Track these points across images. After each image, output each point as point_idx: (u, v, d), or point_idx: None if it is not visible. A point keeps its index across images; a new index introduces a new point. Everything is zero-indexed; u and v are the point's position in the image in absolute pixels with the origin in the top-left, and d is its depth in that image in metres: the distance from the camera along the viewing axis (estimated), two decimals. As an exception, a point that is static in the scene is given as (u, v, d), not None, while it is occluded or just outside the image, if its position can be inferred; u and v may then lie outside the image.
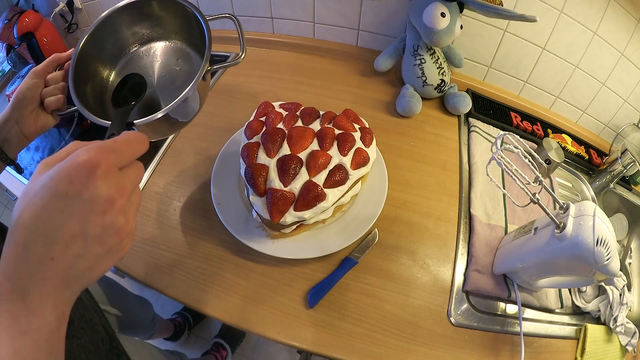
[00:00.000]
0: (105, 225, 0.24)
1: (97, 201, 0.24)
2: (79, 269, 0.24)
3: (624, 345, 0.55)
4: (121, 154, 0.26)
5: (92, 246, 0.24)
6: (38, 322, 0.23)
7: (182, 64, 0.59)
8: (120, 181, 0.25)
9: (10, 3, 0.97)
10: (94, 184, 0.23)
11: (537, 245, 0.49)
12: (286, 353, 1.21)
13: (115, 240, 0.25)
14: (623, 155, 0.72)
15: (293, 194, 0.52)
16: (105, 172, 0.24)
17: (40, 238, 0.23)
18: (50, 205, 0.23)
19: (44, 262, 0.23)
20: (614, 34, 0.72)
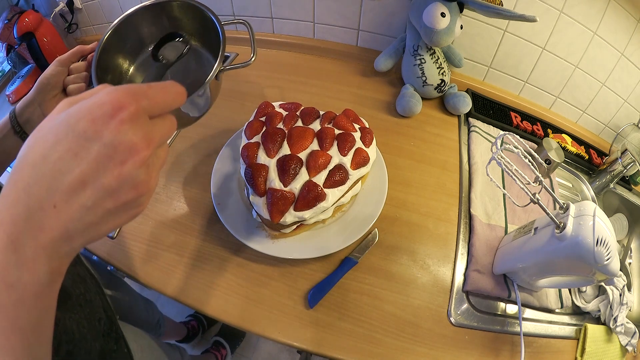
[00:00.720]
0: (123, 176, 0.21)
1: (119, 147, 0.20)
2: (84, 222, 0.21)
3: (624, 345, 0.55)
4: (154, 101, 0.23)
5: (104, 199, 0.21)
6: (28, 276, 0.20)
7: (196, 63, 0.61)
8: (148, 130, 0.22)
9: (10, 3, 0.97)
10: (117, 128, 0.20)
11: (537, 245, 0.49)
12: (286, 353, 1.22)
13: (131, 196, 0.22)
14: (623, 155, 0.72)
15: (293, 194, 0.52)
16: (132, 116, 0.21)
17: (45, 180, 0.20)
18: (64, 143, 0.20)
19: (44, 208, 0.20)
20: (614, 34, 0.72)
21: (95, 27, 0.66)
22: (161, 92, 0.24)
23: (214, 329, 1.24)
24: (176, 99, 0.25)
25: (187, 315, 1.23)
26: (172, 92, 0.25)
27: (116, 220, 0.22)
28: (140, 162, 0.21)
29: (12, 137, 0.50)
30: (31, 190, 0.20)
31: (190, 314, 1.23)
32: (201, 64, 0.61)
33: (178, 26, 0.61)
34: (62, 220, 0.20)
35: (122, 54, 0.60)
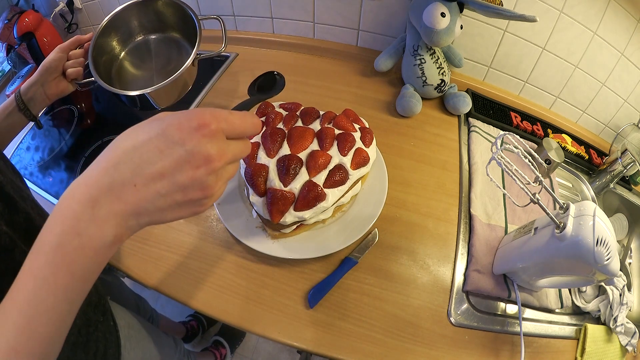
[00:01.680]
0: (195, 178, 0.25)
1: (196, 155, 0.25)
2: (155, 205, 0.25)
3: (624, 345, 0.55)
4: (232, 125, 0.27)
5: (175, 192, 0.25)
6: (95, 230, 0.24)
7: (176, 52, 0.73)
8: (223, 147, 0.26)
9: (10, 3, 0.97)
10: (198, 139, 0.25)
11: (537, 245, 0.49)
12: (286, 353, 1.22)
13: (197, 195, 0.26)
14: (623, 155, 0.72)
15: (293, 194, 0.52)
16: (212, 133, 0.25)
17: (132, 163, 0.24)
18: (153, 141, 0.25)
19: (126, 184, 0.24)
20: (614, 34, 0.72)
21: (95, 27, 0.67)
22: (240, 120, 0.28)
23: (213, 329, 1.24)
24: (252, 128, 0.30)
25: (187, 315, 1.23)
26: (250, 123, 0.29)
27: (180, 212, 0.27)
28: (211, 170, 0.26)
29: (17, 114, 0.59)
30: (119, 167, 0.24)
31: (190, 314, 1.23)
32: (181, 53, 0.72)
33: (162, 20, 0.73)
34: (137, 198, 0.24)
35: (115, 40, 0.70)
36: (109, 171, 0.24)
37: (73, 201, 0.24)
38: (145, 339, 0.62)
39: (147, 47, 0.74)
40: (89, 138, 0.81)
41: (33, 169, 0.78)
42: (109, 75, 0.69)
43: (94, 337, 0.45)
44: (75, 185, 0.24)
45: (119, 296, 0.79)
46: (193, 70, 0.68)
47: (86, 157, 0.77)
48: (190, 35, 0.68)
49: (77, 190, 0.24)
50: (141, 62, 0.73)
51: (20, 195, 0.43)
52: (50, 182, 0.74)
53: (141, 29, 0.73)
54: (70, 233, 0.23)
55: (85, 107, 0.91)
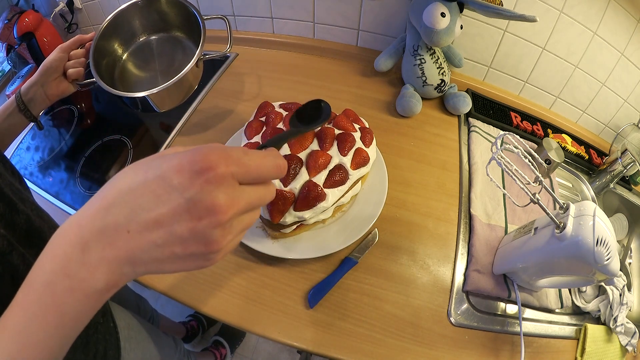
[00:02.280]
0: (196, 232, 0.22)
1: (198, 204, 0.21)
2: (150, 256, 0.22)
3: (624, 345, 0.55)
4: (246, 168, 0.23)
5: (173, 244, 0.22)
6: (86, 275, 0.22)
7: (180, 53, 0.71)
8: (233, 195, 0.23)
9: (10, 3, 0.97)
10: (201, 186, 0.21)
11: (537, 245, 0.49)
12: (286, 353, 1.22)
13: (200, 250, 0.23)
14: (623, 155, 0.72)
15: (293, 194, 0.52)
16: (218, 179, 0.22)
17: (126, 207, 0.22)
18: (150, 184, 0.22)
19: (119, 230, 0.22)
20: (614, 34, 0.72)
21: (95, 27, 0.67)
22: (257, 162, 0.24)
23: (213, 329, 1.24)
24: (273, 172, 0.25)
25: (187, 316, 1.23)
26: (270, 164, 0.25)
27: (181, 265, 0.23)
28: (216, 224, 0.22)
29: (17, 115, 0.58)
30: (112, 210, 0.22)
31: (190, 314, 1.23)
32: (185, 53, 0.71)
33: (166, 20, 0.71)
34: (130, 246, 0.22)
35: (117, 42, 0.69)
36: (102, 213, 0.22)
37: (64, 241, 0.22)
38: (145, 339, 0.62)
39: (150, 47, 0.72)
40: (89, 138, 0.81)
41: (33, 169, 0.78)
42: (112, 76, 0.68)
43: (93, 339, 0.45)
44: (68, 224, 0.22)
45: (120, 296, 0.79)
46: (197, 72, 0.67)
47: (86, 157, 0.77)
48: (194, 35, 0.67)
49: (69, 230, 0.22)
50: (144, 63, 0.72)
51: (19, 197, 0.43)
52: (50, 182, 0.74)
53: (144, 29, 0.72)
54: (60, 273, 0.21)
55: (85, 107, 0.91)
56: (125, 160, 0.75)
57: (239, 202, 0.23)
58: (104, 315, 0.50)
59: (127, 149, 0.77)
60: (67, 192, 0.72)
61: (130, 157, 0.75)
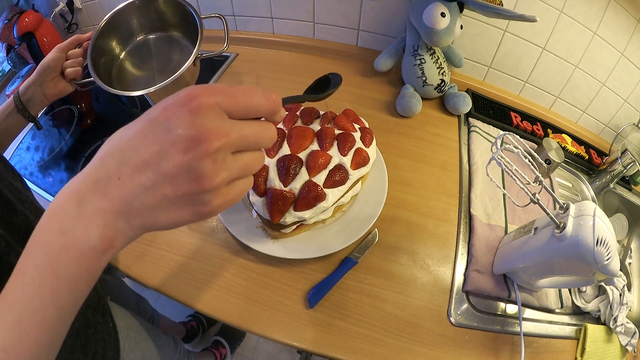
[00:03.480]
0: (184, 166, 0.21)
1: (182, 136, 0.20)
2: (142, 202, 0.21)
3: (624, 345, 0.55)
4: (234, 98, 0.22)
5: (162, 183, 0.21)
6: (81, 230, 0.21)
7: (178, 52, 0.72)
8: (221, 124, 0.21)
9: (10, 3, 0.97)
10: (184, 115, 0.20)
11: (537, 245, 0.49)
12: (286, 353, 1.22)
13: (190, 188, 0.21)
14: (623, 155, 0.72)
15: (293, 194, 0.52)
16: (202, 107, 0.21)
17: (117, 154, 0.21)
18: (138, 127, 0.21)
19: (111, 178, 0.21)
20: (614, 34, 0.72)
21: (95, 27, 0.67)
22: (245, 91, 0.23)
23: (213, 329, 1.24)
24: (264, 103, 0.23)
25: (187, 315, 1.23)
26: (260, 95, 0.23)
27: (176, 212, 0.22)
28: (203, 154, 0.21)
29: (16, 115, 0.57)
30: (105, 160, 0.22)
31: (190, 314, 1.23)
32: (183, 52, 0.71)
33: (163, 19, 0.71)
34: (122, 193, 0.21)
35: (114, 40, 0.69)
36: (96, 164, 0.22)
37: (62, 197, 0.22)
38: (145, 340, 0.62)
39: (148, 46, 0.73)
40: (89, 138, 0.81)
41: (33, 169, 0.78)
42: (109, 75, 0.68)
43: (92, 339, 0.45)
44: (68, 183, 0.22)
45: (120, 296, 0.79)
46: (195, 70, 0.67)
47: (86, 157, 0.77)
48: (192, 35, 0.67)
49: (68, 187, 0.22)
50: (142, 62, 0.72)
51: (18, 197, 0.43)
52: (50, 182, 0.74)
53: (141, 28, 0.72)
54: (56, 231, 0.21)
55: (85, 107, 0.91)
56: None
57: (228, 132, 0.21)
58: (103, 316, 0.50)
59: (127, 149, 0.77)
60: (67, 192, 0.72)
61: (130, 157, 0.75)
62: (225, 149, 0.21)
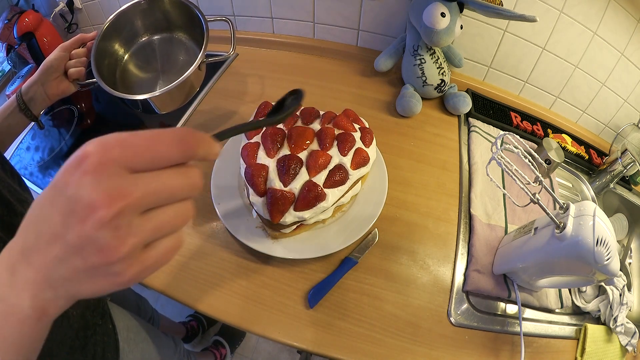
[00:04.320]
0: (85, 237, 0.19)
1: (78, 203, 0.18)
2: (60, 274, 0.20)
3: (624, 345, 0.55)
4: (134, 148, 0.19)
5: (72, 256, 0.19)
6: (15, 299, 0.20)
7: (183, 54, 0.71)
8: (119, 184, 0.19)
9: (10, 3, 0.97)
10: (79, 180, 0.18)
11: (537, 245, 0.49)
12: (286, 353, 1.22)
13: (97, 260, 0.19)
14: (623, 155, 0.72)
15: (293, 194, 0.52)
16: (96, 167, 0.18)
17: (33, 224, 0.20)
18: (47, 192, 0.20)
19: (32, 249, 0.20)
20: (614, 34, 0.72)
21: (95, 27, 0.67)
22: (149, 136, 0.20)
23: (213, 329, 1.24)
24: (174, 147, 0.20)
25: (187, 316, 1.23)
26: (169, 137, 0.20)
27: (94, 282, 0.20)
28: (99, 223, 0.18)
29: (18, 114, 0.57)
30: (28, 229, 0.21)
31: (190, 314, 1.23)
32: (188, 54, 0.70)
33: (168, 20, 0.70)
34: (43, 265, 0.20)
35: (118, 42, 0.68)
36: (22, 233, 0.21)
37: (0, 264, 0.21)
38: (145, 341, 0.62)
39: (152, 48, 0.71)
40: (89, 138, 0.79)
41: (33, 169, 0.78)
42: (113, 77, 0.67)
43: (92, 341, 0.45)
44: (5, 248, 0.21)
45: (120, 297, 0.79)
46: (200, 74, 0.66)
47: (86, 157, 0.77)
48: (197, 37, 0.66)
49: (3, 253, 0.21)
50: (146, 63, 0.71)
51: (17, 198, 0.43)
52: (50, 182, 0.74)
53: (146, 29, 0.71)
54: None
55: (85, 107, 0.91)
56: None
57: (128, 192, 0.19)
58: (103, 317, 0.50)
59: (127, 149, 0.77)
60: (67, 192, 0.72)
61: (130, 157, 0.75)
62: (128, 211, 0.19)
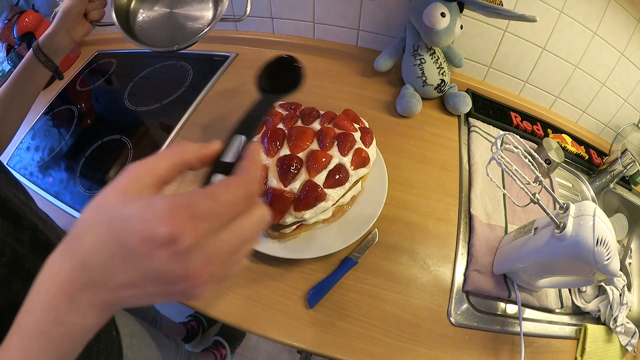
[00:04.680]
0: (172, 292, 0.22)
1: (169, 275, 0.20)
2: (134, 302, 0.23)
3: (624, 345, 0.55)
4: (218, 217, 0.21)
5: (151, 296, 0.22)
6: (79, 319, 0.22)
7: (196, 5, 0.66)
8: (207, 254, 0.21)
9: (10, 3, 0.97)
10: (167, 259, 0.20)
11: (537, 245, 0.49)
12: (286, 353, 1.22)
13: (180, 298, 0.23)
14: (623, 155, 0.72)
15: (293, 194, 0.52)
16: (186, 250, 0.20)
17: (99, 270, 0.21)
18: (114, 249, 0.20)
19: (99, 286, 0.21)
20: (614, 34, 0.72)
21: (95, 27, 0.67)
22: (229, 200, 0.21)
23: (213, 330, 1.24)
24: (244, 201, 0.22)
25: (187, 316, 1.23)
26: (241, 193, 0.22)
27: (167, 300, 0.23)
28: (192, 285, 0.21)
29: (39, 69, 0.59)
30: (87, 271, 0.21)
31: (189, 314, 1.23)
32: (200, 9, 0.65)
33: None
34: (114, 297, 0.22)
35: None
36: (78, 272, 0.21)
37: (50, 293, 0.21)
38: (148, 345, 0.61)
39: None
40: (89, 138, 0.81)
41: (33, 169, 0.78)
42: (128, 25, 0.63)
43: (95, 349, 0.44)
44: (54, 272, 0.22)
45: None
46: None
47: (86, 157, 0.77)
48: None
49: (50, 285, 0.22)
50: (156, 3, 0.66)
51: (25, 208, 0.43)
52: (50, 182, 0.74)
53: None
54: (52, 322, 0.21)
55: (85, 107, 0.91)
56: (125, 160, 0.75)
57: (216, 258, 0.21)
58: (107, 325, 0.49)
59: (127, 149, 0.77)
60: (67, 192, 0.72)
61: (131, 157, 0.75)
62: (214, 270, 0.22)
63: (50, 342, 0.22)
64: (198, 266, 0.20)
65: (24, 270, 0.35)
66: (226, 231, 0.22)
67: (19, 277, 0.34)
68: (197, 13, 0.65)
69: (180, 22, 0.64)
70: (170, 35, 0.63)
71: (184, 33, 0.62)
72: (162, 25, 0.64)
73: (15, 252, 0.35)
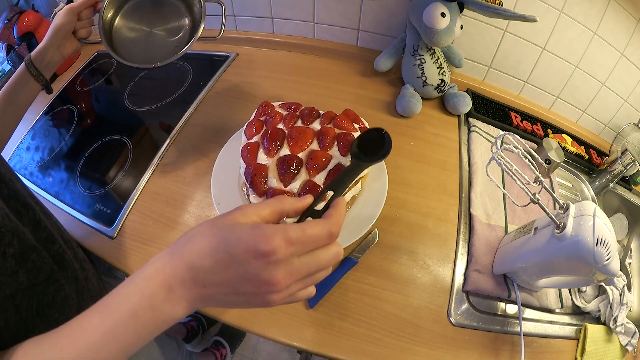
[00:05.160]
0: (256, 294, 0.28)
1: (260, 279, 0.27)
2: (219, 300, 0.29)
3: (624, 345, 0.55)
4: (304, 246, 0.28)
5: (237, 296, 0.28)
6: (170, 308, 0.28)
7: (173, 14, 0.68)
8: (291, 270, 0.28)
9: (10, 3, 0.97)
10: (262, 266, 0.27)
11: (537, 245, 0.49)
12: (286, 353, 1.22)
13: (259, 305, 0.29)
14: (623, 155, 0.72)
15: (293, 194, 0.52)
16: (278, 261, 0.27)
17: (203, 270, 0.27)
18: (221, 255, 0.27)
19: (197, 284, 0.28)
20: (614, 34, 0.72)
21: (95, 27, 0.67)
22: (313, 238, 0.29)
23: (213, 329, 1.24)
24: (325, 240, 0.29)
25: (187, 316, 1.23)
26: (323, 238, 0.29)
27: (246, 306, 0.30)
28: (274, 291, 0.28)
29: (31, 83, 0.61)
30: (192, 270, 0.28)
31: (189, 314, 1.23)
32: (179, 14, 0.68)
33: None
34: (205, 294, 0.28)
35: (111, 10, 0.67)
36: (184, 269, 0.28)
37: (152, 282, 0.28)
38: (150, 345, 0.62)
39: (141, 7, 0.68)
40: (89, 138, 0.81)
41: (33, 169, 0.78)
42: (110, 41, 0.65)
43: None
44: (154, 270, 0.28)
45: None
46: None
47: (86, 157, 0.77)
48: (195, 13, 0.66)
49: (155, 275, 0.28)
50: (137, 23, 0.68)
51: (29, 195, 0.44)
52: (50, 182, 0.74)
53: None
54: (146, 307, 0.27)
55: (85, 107, 0.91)
56: (125, 160, 0.75)
57: (296, 274, 0.28)
58: None
59: (127, 149, 0.77)
60: (67, 192, 0.72)
61: (130, 157, 0.75)
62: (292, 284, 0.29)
63: (137, 325, 0.27)
64: (281, 276, 0.27)
65: (29, 262, 0.36)
66: (308, 256, 0.29)
67: (25, 268, 0.35)
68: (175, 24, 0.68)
69: (160, 38, 0.67)
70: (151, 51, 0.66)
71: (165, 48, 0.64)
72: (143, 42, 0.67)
73: (23, 243, 0.36)
